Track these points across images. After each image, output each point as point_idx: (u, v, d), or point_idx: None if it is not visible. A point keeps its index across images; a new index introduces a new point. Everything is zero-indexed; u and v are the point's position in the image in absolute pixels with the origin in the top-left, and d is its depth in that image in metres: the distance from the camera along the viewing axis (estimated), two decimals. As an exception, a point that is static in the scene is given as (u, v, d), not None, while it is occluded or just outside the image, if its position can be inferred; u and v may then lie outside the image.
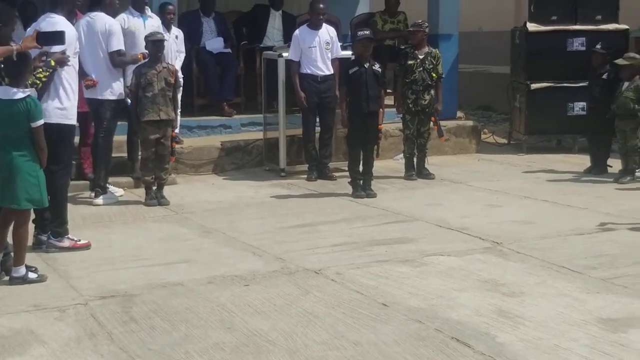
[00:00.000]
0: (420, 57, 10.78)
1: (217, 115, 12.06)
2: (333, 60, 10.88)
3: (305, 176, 10.81)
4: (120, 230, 8.40)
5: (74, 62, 7.48)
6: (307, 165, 10.92)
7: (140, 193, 9.72)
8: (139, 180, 9.90)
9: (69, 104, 7.42)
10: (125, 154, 10.26)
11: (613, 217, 8.47)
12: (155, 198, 9.41)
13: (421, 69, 10.74)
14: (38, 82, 6.96)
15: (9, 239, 6.69)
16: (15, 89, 6.46)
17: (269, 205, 9.49)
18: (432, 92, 10.82)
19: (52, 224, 7.46)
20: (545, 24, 12.60)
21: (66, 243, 7.54)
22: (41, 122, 6.55)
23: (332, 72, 10.83)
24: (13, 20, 6.98)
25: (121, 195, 9.68)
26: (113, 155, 9.67)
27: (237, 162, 11.39)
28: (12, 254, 6.66)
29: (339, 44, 11.20)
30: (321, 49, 10.80)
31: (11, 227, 6.64)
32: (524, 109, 12.61)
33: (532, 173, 11.09)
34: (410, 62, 10.78)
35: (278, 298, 6.22)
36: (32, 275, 6.62)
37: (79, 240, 7.61)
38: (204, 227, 8.44)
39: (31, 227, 7.15)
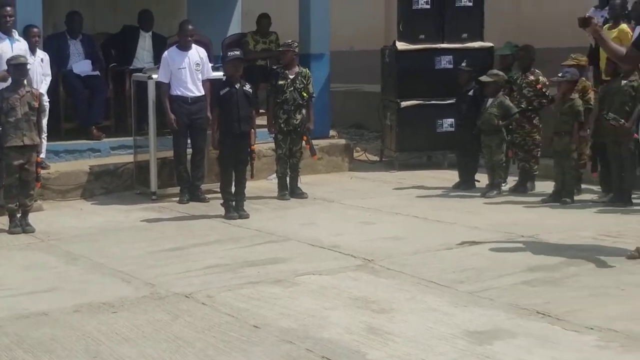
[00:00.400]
0: (291, 77, 10.82)
1: (85, 139, 11.82)
2: (204, 82, 10.81)
3: (177, 199, 10.70)
4: (-18, 260, 8.16)
5: None
6: (179, 187, 10.81)
7: (4, 221, 9.42)
8: (2, 208, 9.61)
9: None
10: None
11: (480, 231, 8.63)
12: (19, 226, 9.15)
13: (292, 88, 10.78)
14: None
15: None
16: None
17: (140, 229, 9.36)
18: (304, 111, 10.85)
19: None
20: (413, 43, 12.76)
21: None
22: None
23: (203, 93, 10.76)
24: None
25: None
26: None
27: (106, 186, 11.17)
28: None
29: (210, 64, 11.15)
30: (191, 70, 10.72)
31: None
32: (395, 127, 12.75)
33: (403, 189, 11.22)
34: (280, 82, 10.80)
35: (147, 324, 6.11)
36: None
37: (-62, 272, 7.36)
38: (71, 253, 8.25)
39: None
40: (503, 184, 10.63)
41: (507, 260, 7.47)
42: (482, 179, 10.92)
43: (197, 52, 10.87)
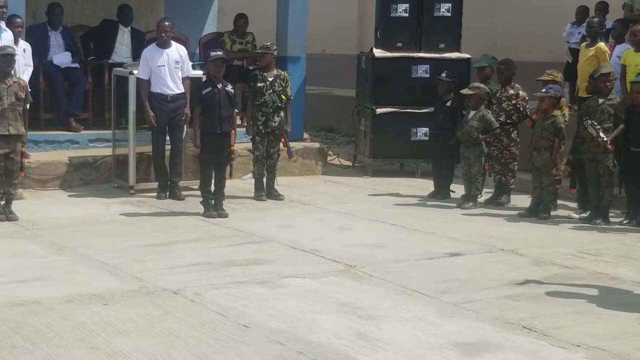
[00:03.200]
0: (270, 79, 10.88)
1: (64, 130, 11.84)
2: (184, 79, 10.84)
3: (155, 194, 10.73)
4: (-32, 247, 8.22)
5: None
6: (158, 184, 10.84)
7: (-13, 208, 9.47)
8: (-14, 195, 9.67)
9: None
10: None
11: (460, 242, 8.74)
12: (3, 213, 9.20)
13: (271, 91, 10.85)
14: None
15: None
16: None
17: (121, 222, 9.42)
18: (282, 114, 10.93)
19: None
20: (390, 51, 12.89)
21: None
22: None
23: (182, 90, 10.78)
24: None
25: None
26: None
27: (85, 178, 11.21)
28: None
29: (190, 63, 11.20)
30: (170, 68, 10.74)
31: None
32: (369, 133, 12.83)
33: (378, 196, 11.29)
34: (259, 84, 10.86)
35: (139, 318, 6.20)
36: None
37: None
38: (56, 244, 8.30)
39: None
40: (479, 196, 10.74)
41: (489, 272, 7.59)
42: (456, 189, 11.04)
43: (176, 50, 10.89)
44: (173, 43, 10.94)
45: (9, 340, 5.68)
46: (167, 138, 10.89)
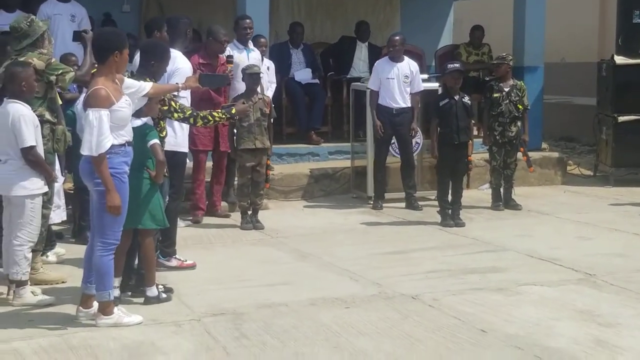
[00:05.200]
0: (506, 89, 10.86)
1: (305, 144, 12.31)
2: (413, 95, 10.93)
3: (394, 204, 10.92)
4: (220, 252, 8.72)
5: (187, 95, 7.78)
6: (374, 194, 11.01)
7: (236, 218, 10.01)
8: (234, 205, 10.22)
9: (181, 133, 7.79)
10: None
11: None
12: (250, 222, 9.70)
13: (507, 101, 10.82)
14: (210, 118, 7.38)
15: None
16: (134, 118, 6.70)
17: (360, 231, 9.69)
18: (519, 123, 10.89)
19: (162, 244, 7.72)
20: (633, 57, 12.57)
21: (173, 262, 7.88)
22: (155, 140, 6.80)
23: (408, 105, 10.88)
24: (167, 55, 7.15)
25: None
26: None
27: (325, 189, 11.59)
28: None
29: (425, 76, 11.29)
30: (399, 82, 10.87)
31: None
32: (611, 142, 12.56)
33: (620, 206, 10.99)
34: (495, 95, 10.85)
35: (379, 321, 6.40)
36: (163, 295, 6.90)
37: (185, 261, 7.93)
38: (299, 251, 8.67)
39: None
40: None
41: None
42: None
43: (408, 65, 10.98)
44: (406, 58, 11.07)
45: (259, 338, 6.04)
46: (397, 151, 11.07)
